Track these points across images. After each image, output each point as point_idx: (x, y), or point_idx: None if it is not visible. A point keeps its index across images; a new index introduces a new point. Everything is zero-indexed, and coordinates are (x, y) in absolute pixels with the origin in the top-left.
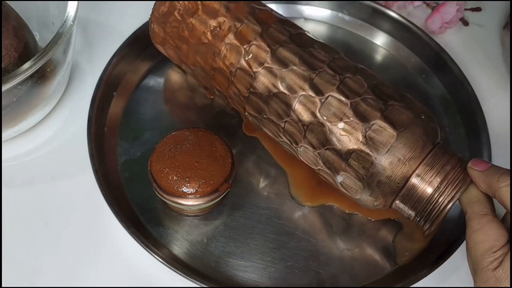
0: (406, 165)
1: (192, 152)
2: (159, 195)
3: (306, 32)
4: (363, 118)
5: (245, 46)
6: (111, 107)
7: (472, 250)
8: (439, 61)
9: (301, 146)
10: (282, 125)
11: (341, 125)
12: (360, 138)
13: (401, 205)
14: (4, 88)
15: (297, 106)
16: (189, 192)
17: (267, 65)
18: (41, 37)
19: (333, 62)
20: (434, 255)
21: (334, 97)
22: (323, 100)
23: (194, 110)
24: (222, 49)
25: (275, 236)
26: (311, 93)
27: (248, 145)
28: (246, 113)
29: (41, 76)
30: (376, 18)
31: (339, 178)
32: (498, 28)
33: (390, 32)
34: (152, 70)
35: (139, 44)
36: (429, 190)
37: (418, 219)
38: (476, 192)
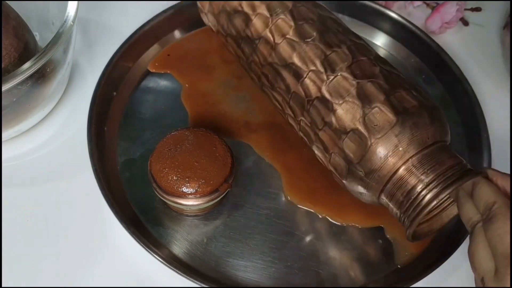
0: (397, 154)
1: (192, 152)
2: (159, 195)
3: (338, 19)
4: (365, 99)
5: (273, 17)
6: (111, 107)
7: (474, 265)
8: (439, 61)
9: (301, 119)
10: (287, 99)
11: (342, 103)
12: (358, 117)
13: (386, 200)
14: (4, 88)
15: (306, 80)
16: (189, 192)
17: (288, 36)
18: (41, 37)
19: (354, 45)
20: (434, 255)
21: (343, 76)
22: (331, 77)
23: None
24: (253, 18)
25: (275, 236)
26: (321, 68)
27: (248, 145)
28: (260, 82)
29: (41, 76)
30: (376, 19)
31: (331, 157)
32: (498, 28)
33: (390, 33)
34: None
35: (139, 44)
36: (414, 183)
37: (402, 216)
38: (474, 209)
